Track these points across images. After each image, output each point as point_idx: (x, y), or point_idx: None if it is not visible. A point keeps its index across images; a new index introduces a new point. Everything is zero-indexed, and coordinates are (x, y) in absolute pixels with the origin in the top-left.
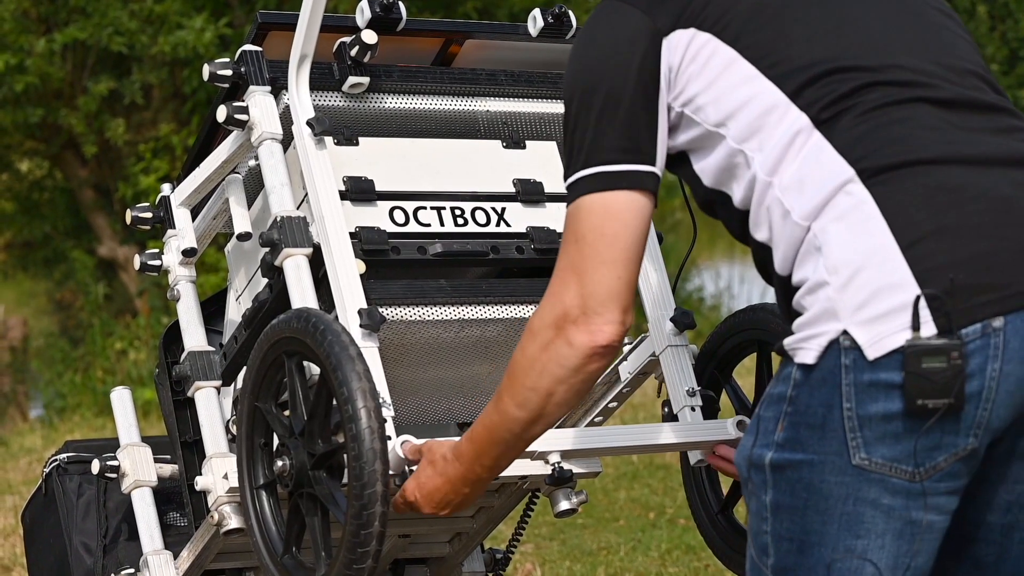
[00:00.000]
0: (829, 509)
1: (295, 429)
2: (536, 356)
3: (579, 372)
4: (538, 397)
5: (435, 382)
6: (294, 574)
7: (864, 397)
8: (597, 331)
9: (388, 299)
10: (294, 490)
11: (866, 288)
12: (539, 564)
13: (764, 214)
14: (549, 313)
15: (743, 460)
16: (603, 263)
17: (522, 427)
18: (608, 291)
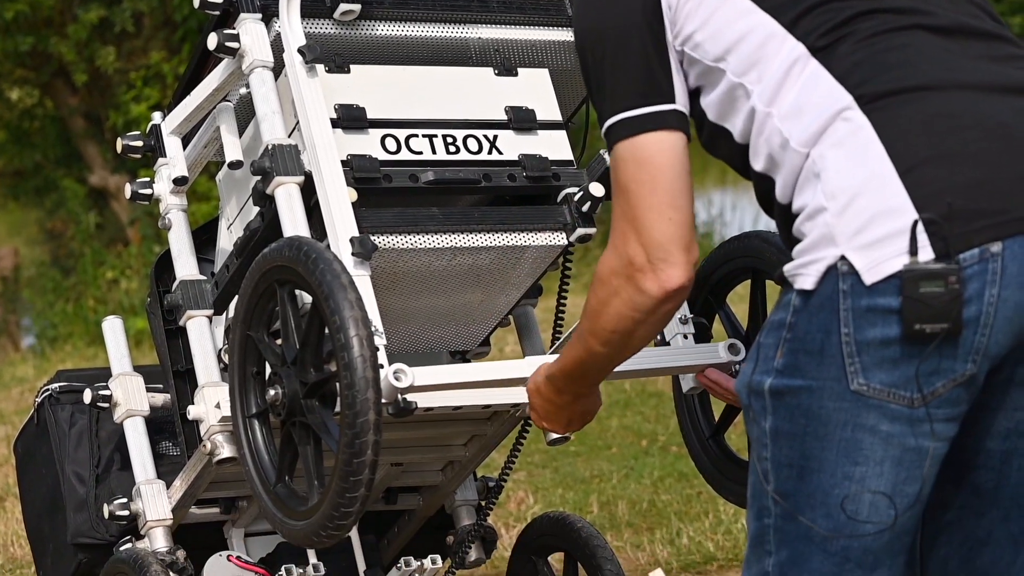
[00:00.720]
0: (828, 435)
1: (287, 358)
2: (609, 301)
3: (655, 313)
4: (620, 337)
5: (427, 310)
6: (287, 503)
7: (862, 322)
8: (666, 277)
9: (380, 227)
10: (286, 419)
11: (864, 213)
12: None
13: (763, 145)
14: (616, 263)
15: (743, 387)
16: (651, 209)
17: (608, 360)
18: (664, 235)
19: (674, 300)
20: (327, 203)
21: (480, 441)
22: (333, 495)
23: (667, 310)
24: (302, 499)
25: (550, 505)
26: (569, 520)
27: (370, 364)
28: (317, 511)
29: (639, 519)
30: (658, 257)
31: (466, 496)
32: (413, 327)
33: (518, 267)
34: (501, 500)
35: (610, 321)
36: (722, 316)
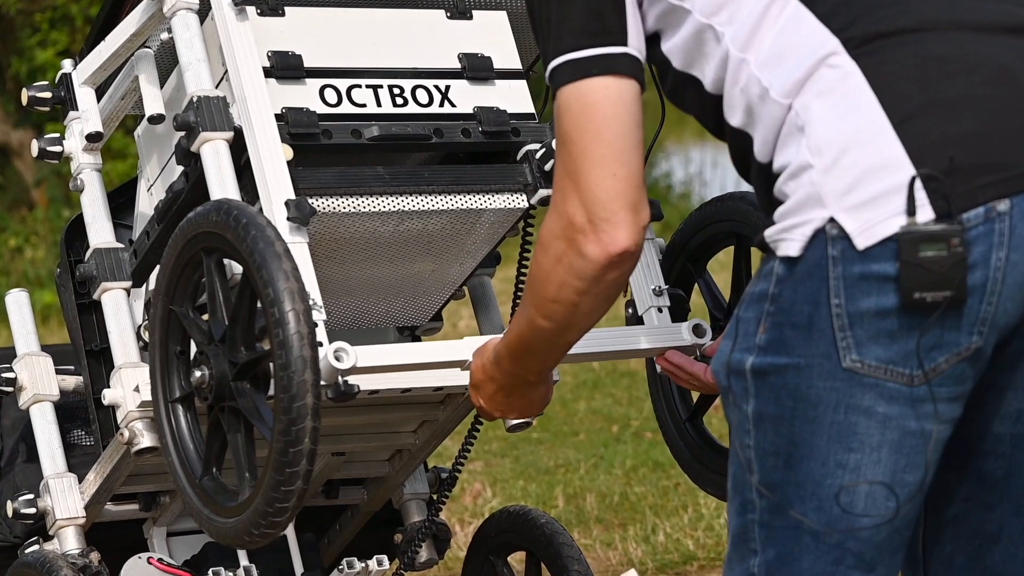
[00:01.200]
0: (818, 418)
1: (215, 335)
2: (551, 269)
3: (599, 282)
4: (563, 308)
5: (372, 282)
6: (214, 498)
7: (854, 291)
8: (609, 240)
9: (319, 189)
10: (214, 404)
11: (854, 169)
12: (489, 484)
13: (739, 96)
14: (556, 224)
15: (721, 367)
16: (593, 163)
17: (554, 335)
18: (608, 193)
19: (619, 267)
20: (259, 162)
21: (431, 427)
22: (266, 488)
23: (613, 279)
24: (232, 493)
25: (510, 499)
26: (531, 515)
27: (307, 342)
28: (249, 507)
29: (610, 514)
30: (600, 217)
31: (416, 489)
32: (356, 300)
33: (473, 233)
34: (455, 493)
35: (551, 290)
36: (702, 287)
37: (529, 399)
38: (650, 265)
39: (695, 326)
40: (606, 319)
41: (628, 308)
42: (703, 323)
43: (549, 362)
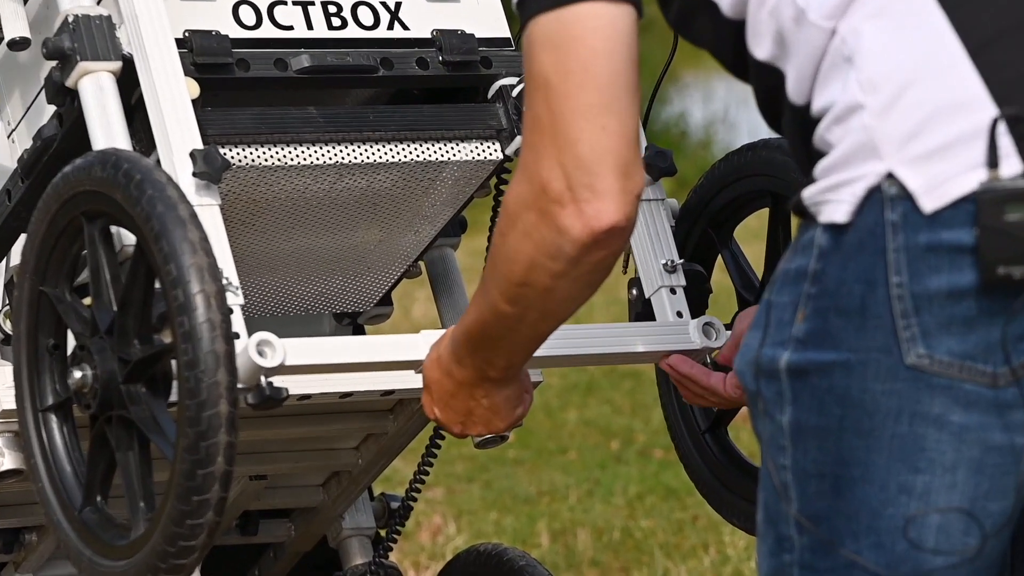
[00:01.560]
0: (874, 431)
1: (100, 325)
2: (518, 246)
3: (579, 264)
4: (534, 294)
5: (302, 255)
6: (99, 535)
7: (920, 267)
8: (593, 212)
9: (233, 136)
10: (99, 413)
11: (919, 109)
12: (453, 516)
13: (767, 20)
14: (525, 190)
15: (748, 366)
16: (577, 114)
17: (522, 325)
18: (595, 152)
19: (605, 247)
20: (155, 101)
21: (378, 443)
22: (167, 522)
23: (596, 260)
24: (122, 529)
25: (480, 536)
26: (507, 557)
27: (220, 333)
28: (144, 546)
29: (608, 555)
30: (582, 183)
31: (358, 523)
32: (282, 279)
33: (432, 192)
34: (409, 529)
35: (518, 272)
36: (727, 260)
37: (494, 403)
38: (660, 234)
39: (705, 325)
40: (608, 301)
41: (632, 289)
42: (715, 321)
43: (517, 357)
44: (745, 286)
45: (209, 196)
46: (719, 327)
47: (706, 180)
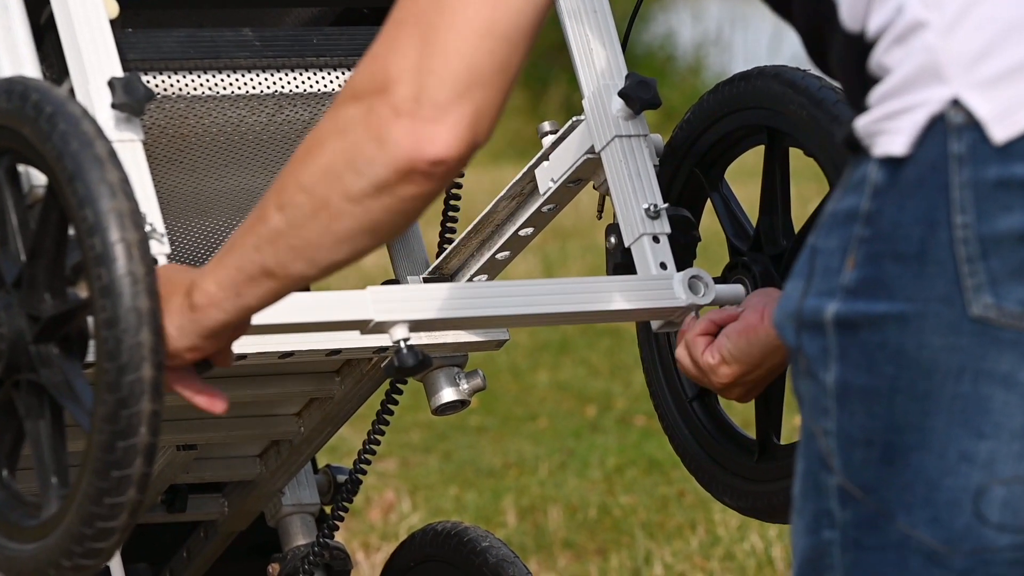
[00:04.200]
0: (932, 392)
1: (6, 277)
2: (326, 141)
3: (383, 192)
4: (309, 206)
5: (237, 197)
6: (5, 514)
7: (989, 205)
8: (429, 134)
9: (158, 61)
10: (5, 377)
11: (990, 26)
12: (407, 492)
13: None
14: (364, 79)
15: (788, 319)
16: (473, 26)
17: (277, 251)
18: (465, 71)
19: (420, 182)
20: (68, 21)
21: (322, 409)
22: (83, 501)
23: (406, 195)
24: (31, 508)
25: (437, 513)
26: (468, 537)
27: (144, 288)
28: (57, 527)
29: (583, 535)
30: (436, 100)
31: (300, 499)
32: (214, 225)
33: None
34: (357, 505)
35: (311, 174)
36: (717, 205)
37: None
38: (642, 174)
39: (692, 278)
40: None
41: (610, 236)
42: (703, 274)
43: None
44: (737, 234)
45: (130, 131)
46: (708, 281)
47: (693, 115)
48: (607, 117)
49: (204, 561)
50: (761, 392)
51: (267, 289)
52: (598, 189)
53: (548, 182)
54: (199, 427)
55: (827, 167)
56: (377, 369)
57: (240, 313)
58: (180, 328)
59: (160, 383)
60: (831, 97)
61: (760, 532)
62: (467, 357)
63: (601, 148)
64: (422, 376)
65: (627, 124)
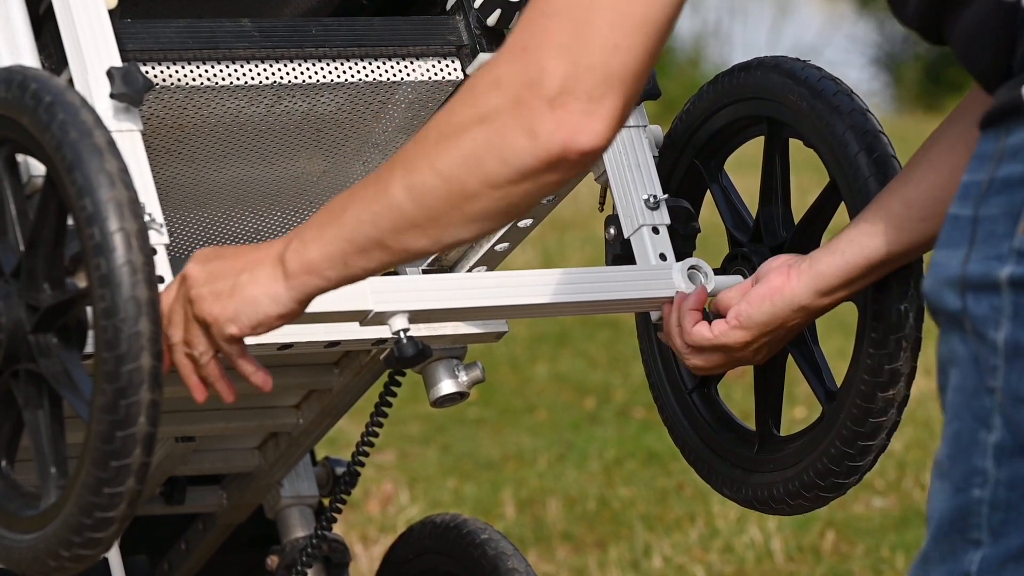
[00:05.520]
0: None
1: (4, 267)
2: (468, 127)
3: (527, 180)
4: (444, 194)
5: (236, 188)
6: (3, 505)
7: None
8: (581, 126)
9: (157, 52)
10: (4, 367)
11: None
12: (406, 484)
13: None
14: (510, 72)
15: (947, 284)
16: (629, 20)
17: (397, 226)
18: (621, 66)
19: (567, 171)
20: (67, 11)
21: (321, 401)
22: (82, 491)
23: (547, 183)
24: (30, 498)
25: (436, 506)
26: (467, 529)
27: (142, 277)
28: (56, 517)
29: (582, 528)
30: (590, 92)
31: (299, 491)
32: (213, 215)
33: (383, 116)
34: (356, 497)
35: (449, 156)
36: (717, 196)
37: (251, 296)
38: (641, 165)
39: (691, 269)
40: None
41: (609, 227)
42: (702, 264)
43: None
44: (737, 225)
45: (129, 121)
46: (707, 271)
47: (692, 107)
48: None
49: (202, 553)
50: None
51: (377, 261)
52: (598, 181)
53: None
54: (198, 418)
55: (827, 157)
56: (376, 361)
57: (342, 282)
58: (274, 296)
59: (158, 373)
60: (831, 88)
61: (759, 524)
62: (466, 349)
63: None
64: (421, 368)
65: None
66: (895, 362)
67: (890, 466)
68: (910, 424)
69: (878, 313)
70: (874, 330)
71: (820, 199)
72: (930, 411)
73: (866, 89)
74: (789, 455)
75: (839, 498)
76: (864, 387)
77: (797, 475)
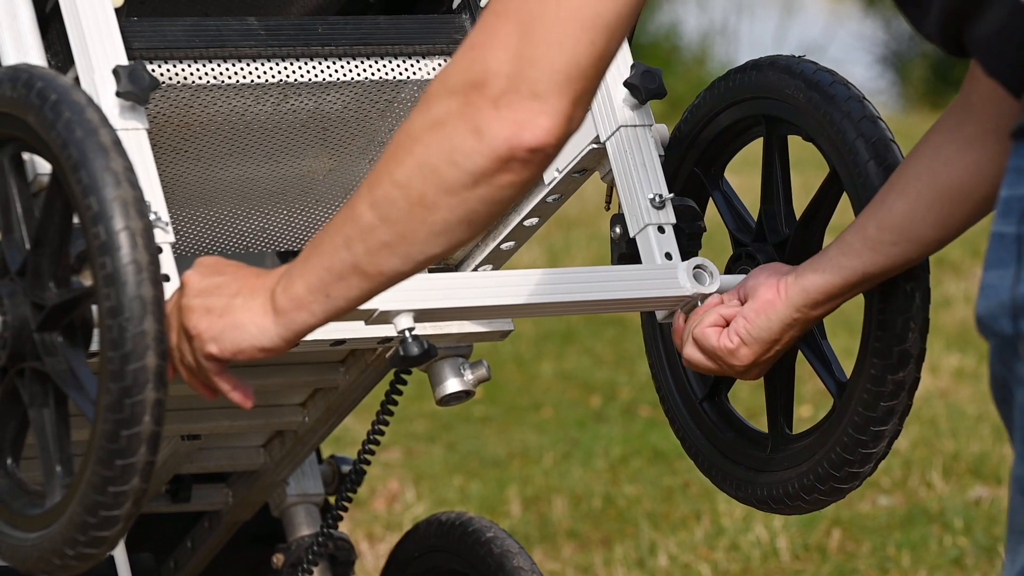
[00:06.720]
0: None
1: (10, 265)
2: (421, 136)
3: (481, 183)
4: (404, 201)
5: (241, 186)
6: (9, 503)
7: None
8: (525, 121)
9: (163, 50)
10: (10, 365)
11: None
12: (412, 482)
13: None
14: (458, 74)
15: (999, 308)
16: (573, 17)
17: (368, 247)
18: (566, 63)
19: (518, 171)
20: (74, 9)
21: (327, 399)
22: (87, 490)
23: (501, 185)
24: (35, 496)
25: (441, 504)
26: (473, 527)
27: (148, 276)
28: (61, 515)
29: (588, 526)
30: (534, 89)
31: (305, 489)
32: (219, 214)
33: (389, 115)
34: (362, 495)
35: (404, 165)
36: (719, 202)
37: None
38: (647, 164)
39: (696, 268)
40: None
41: (615, 226)
42: (708, 263)
43: (343, 294)
44: (739, 228)
45: (135, 119)
46: (712, 270)
47: (697, 107)
48: (612, 107)
49: (208, 551)
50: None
51: (357, 289)
52: (604, 180)
53: (553, 172)
54: (203, 417)
55: (825, 147)
56: (381, 359)
57: (328, 316)
58: (262, 329)
59: (164, 371)
60: (826, 79)
61: (765, 522)
62: (472, 347)
63: (606, 138)
64: (427, 366)
65: (632, 114)
66: (904, 343)
67: (896, 465)
68: (916, 423)
69: (885, 294)
70: (881, 312)
71: (821, 191)
72: (935, 409)
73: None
74: (803, 450)
75: (845, 497)
76: (874, 371)
77: (812, 469)
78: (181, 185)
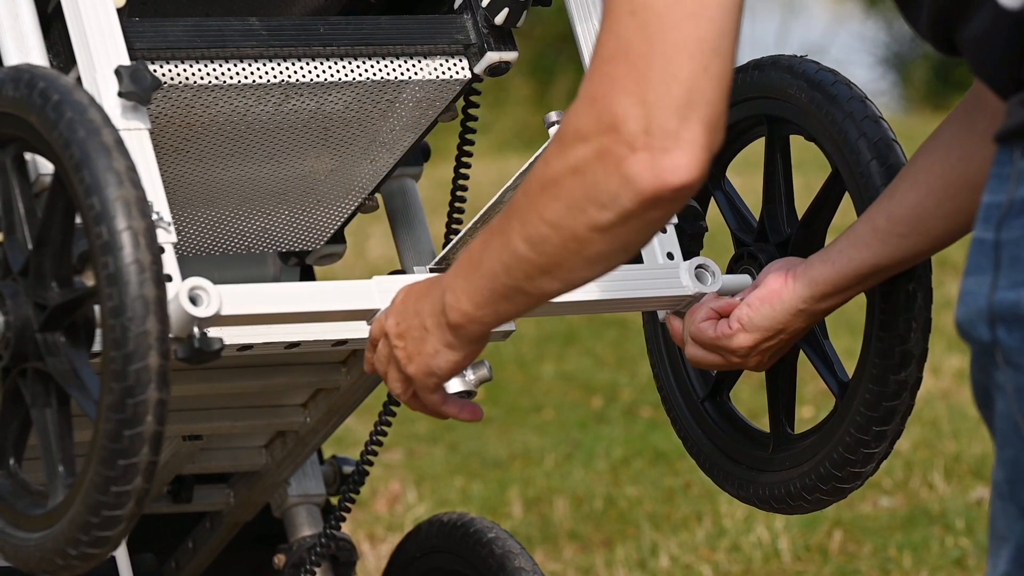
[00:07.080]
0: None
1: (13, 265)
2: (563, 180)
3: (631, 220)
4: (559, 241)
5: (244, 187)
6: (11, 502)
7: None
8: (669, 164)
9: (165, 50)
10: (12, 365)
11: None
12: (414, 482)
13: None
14: (589, 120)
15: (977, 315)
16: (682, 48)
17: (528, 274)
18: (692, 94)
19: (667, 207)
20: (76, 9)
21: (329, 400)
22: (90, 490)
23: (651, 220)
24: (37, 496)
25: (443, 504)
26: (474, 528)
27: (150, 276)
28: (63, 516)
29: (589, 527)
30: (667, 129)
31: (306, 490)
32: (221, 214)
33: (391, 115)
34: (364, 496)
35: (554, 210)
36: (721, 203)
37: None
38: None
39: (698, 268)
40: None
41: None
42: (709, 263)
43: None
44: (742, 228)
45: (137, 119)
46: (714, 270)
47: None
48: None
49: (210, 551)
50: (776, 361)
51: (523, 304)
52: None
53: None
54: (205, 417)
55: (827, 146)
56: None
57: (500, 322)
58: (449, 345)
59: (166, 372)
60: (828, 78)
61: (766, 523)
62: None
63: None
64: None
65: None
66: (906, 344)
67: (898, 466)
68: (917, 423)
69: (887, 294)
70: (883, 312)
71: (823, 191)
72: (937, 411)
73: (874, 88)
74: (805, 450)
75: (847, 497)
76: (876, 371)
77: (813, 468)
78: (183, 185)
